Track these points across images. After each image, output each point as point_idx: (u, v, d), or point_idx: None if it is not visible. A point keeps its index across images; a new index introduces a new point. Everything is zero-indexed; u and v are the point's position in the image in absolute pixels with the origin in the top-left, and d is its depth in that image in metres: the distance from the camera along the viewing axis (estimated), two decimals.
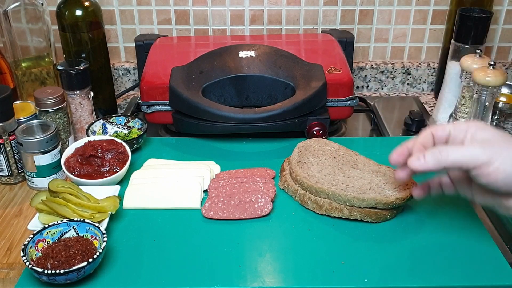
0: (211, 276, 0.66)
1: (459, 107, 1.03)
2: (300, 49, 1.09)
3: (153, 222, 0.76)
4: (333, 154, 0.83)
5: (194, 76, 0.99)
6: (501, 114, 1.12)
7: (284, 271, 0.67)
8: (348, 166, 0.81)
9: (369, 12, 1.25)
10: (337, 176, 0.78)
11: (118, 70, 1.29)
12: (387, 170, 0.79)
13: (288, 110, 0.92)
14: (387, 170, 0.79)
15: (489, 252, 0.70)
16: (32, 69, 1.09)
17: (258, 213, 0.76)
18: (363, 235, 0.73)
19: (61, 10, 1.05)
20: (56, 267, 0.64)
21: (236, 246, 0.71)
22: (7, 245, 0.76)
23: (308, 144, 0.86)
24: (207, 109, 0.91)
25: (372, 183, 0.76)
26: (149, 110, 0.99)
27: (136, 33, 1.27)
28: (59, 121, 0.92)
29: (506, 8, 1.24)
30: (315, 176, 0.77)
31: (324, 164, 0.81)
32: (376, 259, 0.69)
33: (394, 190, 0.74)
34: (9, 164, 0.89)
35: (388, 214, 0.74)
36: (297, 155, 0.82)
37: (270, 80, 1.00)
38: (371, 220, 0.74)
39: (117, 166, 0.84)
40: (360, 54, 1.31)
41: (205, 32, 1.28)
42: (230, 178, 0.83)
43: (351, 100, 0.99)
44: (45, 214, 0.73)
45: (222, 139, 0.98)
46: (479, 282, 0.65)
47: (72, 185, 0.77)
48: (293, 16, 1.26)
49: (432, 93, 1.32)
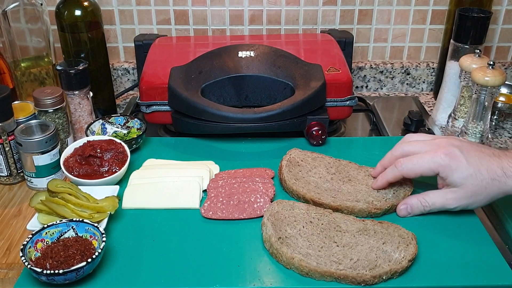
0: (210, 276, 0.66)
1: (458, 107, 1.03)
2: (299, 49, 1.09)
3: (152, 222, 0.76)
4: (306, 218, 0.74)
5: (193, 76, 0.99)
6: (500, 114, 1.12)
7: (283, 271, 0.67)
8: (332, 231, 0.72)
9: (368, 12, 1.25)
10: (331, 249, 0.68)
11: (117, 70, 1.29)
12: (373, 225, 0.73)
13: (287, 110, 0.92)
14: (373, 225, 0.73)
15: (488, 252, 0.70)
16: (31, 69, 1.09)
17: (257, 213, 0.76)
18: None
19: (60, 10, 1.05)
20: (55, 267, 0.64)
21: (235, 246, 0.71)
22: (6, 245, 0.76)
23: (274, 211, 0.74)
24: (206, 109, 0.91)
25: (373, 248, 0.69)
26: (148, 110, 0.99)
27: (136, 33, 1.27)
28: (58, 121, 0.92)
29: (505, 8, 1.24)
30: (310, 255, 0.67)
31: (306, 234, 0.71)
32: None
33: (397, 248, 0.68)
34: (8, 164, 0.89)
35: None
36: (272, 229, 0.70)
37: (269, 80, 1.00)
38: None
39: (116, 166, 0.84)
40: (359, 54, 1.31)
41: (204, 32, 1.28)
42: (229, 178, 0.83)
43: (350, 100, 0.99)
44: (44, 214, 0.73)
45: (221, 139, 0.98)
46: (478, 282, 0.65)
47: (71, 185, 0.77)
48: (292, 16, 1.26)
49: (431, 93, 1.32)
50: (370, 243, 0.69)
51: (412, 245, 0.68)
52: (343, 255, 0.68)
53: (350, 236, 0.71)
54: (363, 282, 0.65)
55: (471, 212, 0.78)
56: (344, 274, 0.65)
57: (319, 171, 0.84)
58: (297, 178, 0.82)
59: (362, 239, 0.70)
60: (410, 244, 0.69)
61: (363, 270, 0.65)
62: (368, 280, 0.65)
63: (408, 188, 0.80)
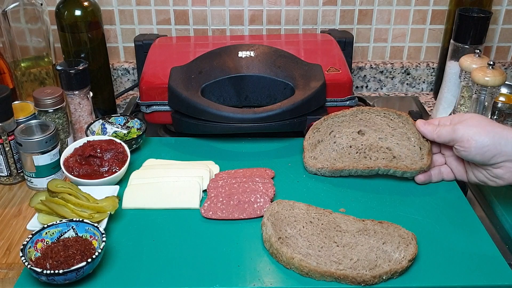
0: (210, 276, 0.66)
1: (458, 107, 1.03)
2: (299, 49, 1.09)
3: (152, 222, 0.76)
4: (306, 218, 0.74)
5: (193, 76, 0.99)
6: (500, 114, 1.12)
7: (283, 271, 0.67)
8: (332, 231, 0.72)
9: (368, 12, 1.25)
10: (331, 249, 0.69)
11: (117, 70, 1.29)
12: (373, 225, 0.72)
13: (287, 110, 0.92)
14: (373, 225, 0.72)
15: (488, 252, 0.70)
16: (31, 69, 1.09)
17: (257, 213, 0.76)
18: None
19: (60, 10, 1.05)
20: (55, 267, 0.64)
21: (235, 246, 0.71)
22: (6, 245, 0.76)
23: (274, 211, 0.74)
24: (206, 109, 0.91)
25: (373, 248, 0.69)
26: (148, 110, 0.99)
27: (136, 33, 1.27)
28: (58, 121, 0.92)
29: (506, 8, 1.24)
30: (310, 255, 0.67)
31: (306, 234, 0.71)
32: None
33: (398, 248, 0.68)
34: (8, 164, 0.89)
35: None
36: (272, 229, 0.70)
37: (269, 80, 1.00)
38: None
39: (116, 166, 0.84)
40: (359, 54, 1.31)
41: (204, 32, 1.28)
42: (229, 178, 0.83)
43: (350, 100, 0.99)
44: (44, 214, 0.73)
45: (221, 139, 0.98)
46: (478, 282, 0.65)
47: (71, 185, 0.77)
48: (292, 16, 1.26)
49: (431, 93, 1.32)
50: (370, 243, 0.69)
51: (412, 245, 0.68)
52: (343, 255, 0.68)
53: (350, 236, 0.71)
54: (363, 282, 0.65)
55: (471, 212, 0.78)
56: (344, 274, 0.65)
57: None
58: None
59: (362, 239, 0.70)
60: (410, 244, 0.69)
61: (363, 270, 0.65)
62: (368, 280, 0.65)
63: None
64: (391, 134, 0.85)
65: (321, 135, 0.88)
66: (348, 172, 0.84)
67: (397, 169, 0.81)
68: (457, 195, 0.82)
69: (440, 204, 0.80)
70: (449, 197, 0.82)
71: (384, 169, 0.82)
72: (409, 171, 0.81)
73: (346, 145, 0.85)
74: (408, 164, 0.81)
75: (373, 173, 0.83)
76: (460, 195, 0.82)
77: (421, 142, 0.83)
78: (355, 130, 0.87)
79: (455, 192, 0.83)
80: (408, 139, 0.84)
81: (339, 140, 0.86)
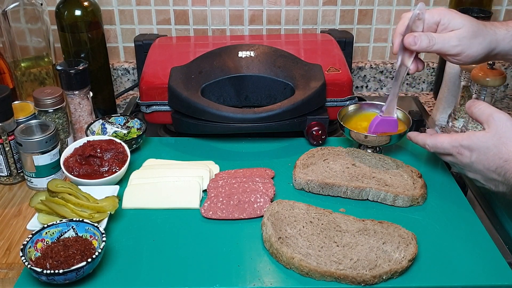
0: (210, 276, 0.66)
1: (458, 107, 1.03)
2: (299, 49, 1.09)
3: (152, 222, 0.76)
4: (306, 218, 0.74)
5: (193, 76, 0.99)
6: None
7: (283, 271, 0.67)
8: (332, 231, 0.72)
9: (368, 12, 1.25)
10: (331, 249, 0.69)
11: (117, 70, 1.29)
12: (373, 225, 0.73)
13: (287, 110, 0.92)
14: (373, 225, 0.73)
15: (488, 252, 0.70)
16: (31, 69, 1.09)
17: (257, 213, 0.76)
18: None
19: (60, 10, 1.05)
20: (55, 267, 0.64)
21: (235, 246, 0.71)
22: (6, 245, 0.76)
23: (274, 211, 0.74)
24: (206, 109, 0.91)
25: (373, 248, 0.69)
26: (148, 110, 0.99)
27: (136, 33, 1.27)
28: (58, 121, 0.92)
29: (505, 8, 1.24)
30: (310, 255, 0.67)
31: (307, 234, 0.71)
32: None
33: (398, 248, 0.68)
34: (8, 164, 0.89)
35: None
36: (272, 229, 0.70)
37: (269, 80, 1.00)
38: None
39: (116, 166, 0.84)
40: (359, 54, 1.31)
41: (204, 32, 1.28)
42: (229, 178, 0.83)
43: (350, 100, 0.99)
44: (44, 214, 0.73)
45: (221, 139, 0.98)
46: (478, 282, 0.65)
47: (71, 185, 0.77)
48: (292, 16, 1.26)
49: (431, 93, 1.32)
50: (370, 243, 0.70)
51: (412, 245, 0.68)
52: (343, 255, 0.68)
53: (350, 236, 0.71)
54: (363, 282, 0.65)
55: (471, 212, 0.78)
56: (344, 274, 0.65)
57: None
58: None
59: (362, 239, 0.70)
60: (410, 244, 0.69)
61: (363, 270, 0.65)
62: (368, 280, 0.65)
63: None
64: (384, 171, 0.84)
65: (315, 159, 0.87)
66: (338, 190, 0.81)
67: (388, 192, 0.79)
68: (457, 195, 0.82)
69: (440, 204, 0.80)
70: (449, 197, 0.82)
71: (376, 191, 0.79)
72: (400, 196, 0.79)
73: (339, 170, 0.84)
74: (401, 191, 0.79)
75: (363, 196, 0.81)
76: (460, 195, 0.82)
77: (414, 179, 0.82)
78: (350, 162, 0.86)
79: (455, 192, 0.83)
80: (401, 176, 0.83)
81: (332, 165, 0.85)
